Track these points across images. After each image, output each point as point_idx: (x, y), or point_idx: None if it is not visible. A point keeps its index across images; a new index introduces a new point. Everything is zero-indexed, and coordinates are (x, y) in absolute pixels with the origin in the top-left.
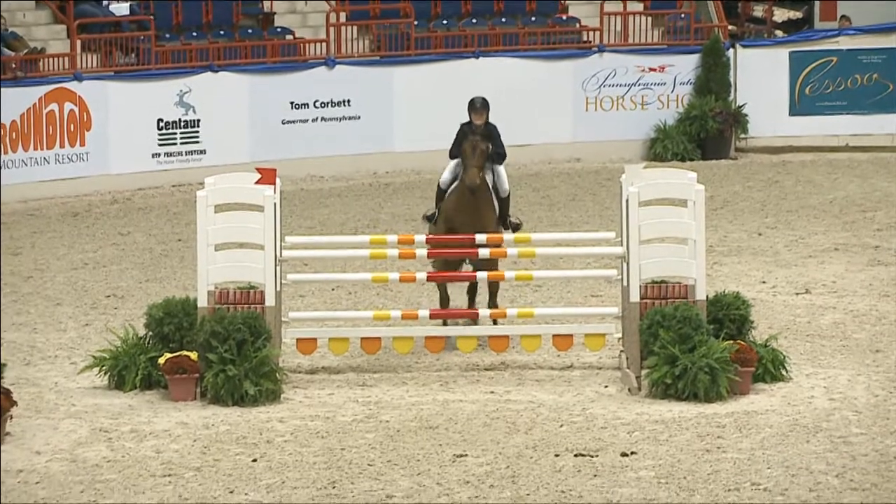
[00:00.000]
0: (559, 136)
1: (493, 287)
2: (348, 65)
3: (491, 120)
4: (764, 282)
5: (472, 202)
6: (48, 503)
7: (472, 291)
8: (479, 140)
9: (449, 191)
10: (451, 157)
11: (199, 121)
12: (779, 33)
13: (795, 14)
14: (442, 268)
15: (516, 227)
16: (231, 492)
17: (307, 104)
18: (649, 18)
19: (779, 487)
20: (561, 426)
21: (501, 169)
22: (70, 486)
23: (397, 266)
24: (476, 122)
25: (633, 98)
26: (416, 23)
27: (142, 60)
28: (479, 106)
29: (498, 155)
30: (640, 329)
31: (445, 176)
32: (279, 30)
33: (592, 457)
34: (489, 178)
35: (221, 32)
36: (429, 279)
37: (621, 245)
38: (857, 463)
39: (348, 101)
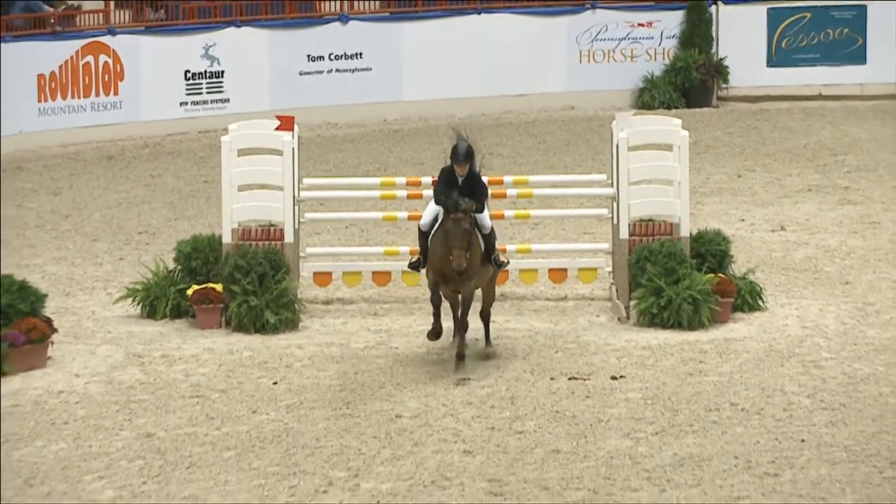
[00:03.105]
0: (555, 86)
1: (467, 304)
2: (360, 20)
3: (490, 76)
4: (743, 220)
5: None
6: (87, 421)
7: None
8: (462, 218)
9: (432, 235)
10: (436, 202)
11: (223, 72)
12: None
13: None
14: (436, 285)
15: (501, 265)
16: (254, 411)
17: (322, 57)
18: None
19: (755, 407)
20: (556, 352)
21: (483, 213)
22: (107, 406)
23: (406, 206)
24: (459, 174)
25: (623, 51)
26: None
27: (170, 16)
28: (462, 157)
29: (480, 205)
30: (628, 263)
31: (425, 220)
32: None
33: (585, 380)
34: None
35: None
36: None
37: (612, 186)
38: (827, 385)
39: (360, 54)
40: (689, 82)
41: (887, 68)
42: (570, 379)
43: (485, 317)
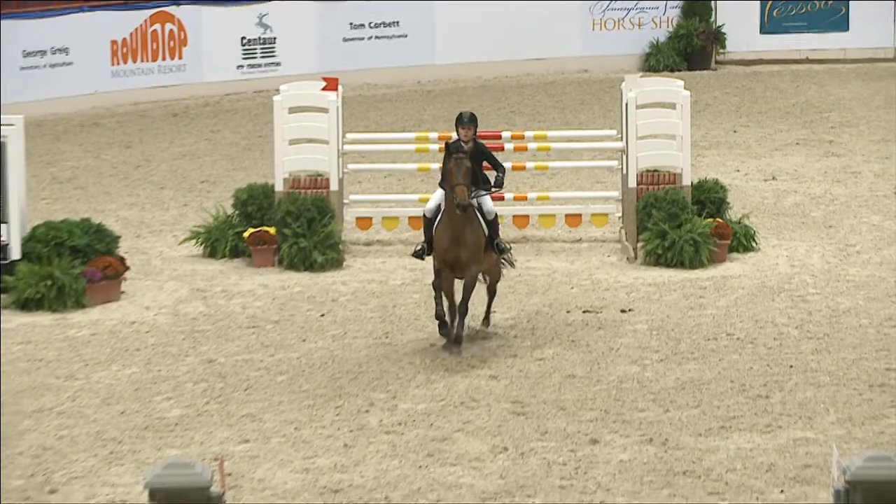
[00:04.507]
0: (570, 51)
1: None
2: None
3: (513, 42)
4: (738, 170)
5: (460, 234)
6: (156, 348)
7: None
8: (463, 157)
9: (436, 222)
10: (441, 185)
11: (275, 38)
12: None
13: None
14: (440, 272)
15: (503, 251)
16: (303, 340)
17: (363, 25)
18: None
19: (749, 337)
20: (572, 288)
21: (486, 198)
22: (174, 335)
23: (438, 158)
24: (463, 138)
25: (631, 20)
26: None
27: None
28: (466, 120)
29: (499, 170)
30: (636, 209)
31: (430, 205)
32: None
33: (597, 313)
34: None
35: None
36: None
37: (621, 141)
38: (812, 317)
39: (397, 23)
40: (691, 48)
41: (868, 35)
42: (584, 312)
43: (490, 291)
